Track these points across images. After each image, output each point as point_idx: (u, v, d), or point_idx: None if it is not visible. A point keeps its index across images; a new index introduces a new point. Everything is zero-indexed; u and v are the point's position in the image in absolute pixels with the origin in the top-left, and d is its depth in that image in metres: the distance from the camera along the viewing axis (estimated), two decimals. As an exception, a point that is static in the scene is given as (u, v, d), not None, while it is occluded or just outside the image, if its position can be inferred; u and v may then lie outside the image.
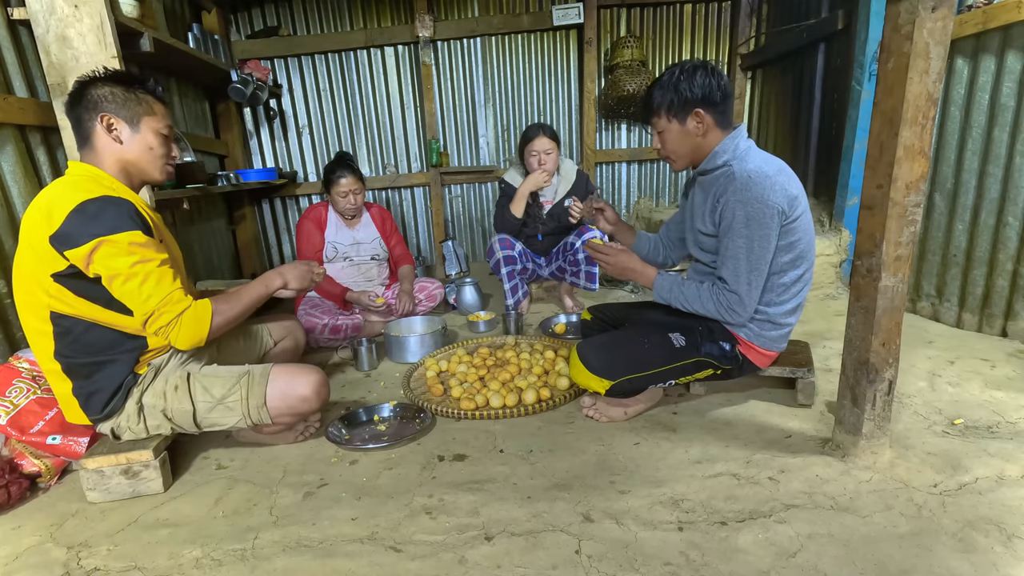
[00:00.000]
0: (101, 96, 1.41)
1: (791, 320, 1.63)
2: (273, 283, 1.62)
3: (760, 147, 1.59)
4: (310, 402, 1.56)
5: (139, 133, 1.45)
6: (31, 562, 1.28)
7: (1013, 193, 2.07)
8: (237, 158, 3.79)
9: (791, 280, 1.56)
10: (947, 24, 1.14)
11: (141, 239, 1.34)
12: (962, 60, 2.19)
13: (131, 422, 1.48)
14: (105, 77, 1.44)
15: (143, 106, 1.46)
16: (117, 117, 1.42)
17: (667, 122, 1.57)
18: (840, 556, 1.13)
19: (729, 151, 1.53)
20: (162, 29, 2.60)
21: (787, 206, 1.46)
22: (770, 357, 1.69)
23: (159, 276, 1.36)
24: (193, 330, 1.41)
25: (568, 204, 2.77)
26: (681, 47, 3.96)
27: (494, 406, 1.86)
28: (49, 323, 1.39)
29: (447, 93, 4.00)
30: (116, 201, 1.34)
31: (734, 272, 1.51)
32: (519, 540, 1.24)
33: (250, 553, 1.26)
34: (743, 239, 1.47)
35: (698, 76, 1.49)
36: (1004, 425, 1.57)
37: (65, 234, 1.29)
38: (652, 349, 1.63)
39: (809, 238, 1.55)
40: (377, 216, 2.90)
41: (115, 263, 1.31)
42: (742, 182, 1.45)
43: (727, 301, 1.54)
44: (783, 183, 1.46)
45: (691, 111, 1.52)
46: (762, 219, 1.44)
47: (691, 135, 1.55)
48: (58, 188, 1.36)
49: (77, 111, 1.42)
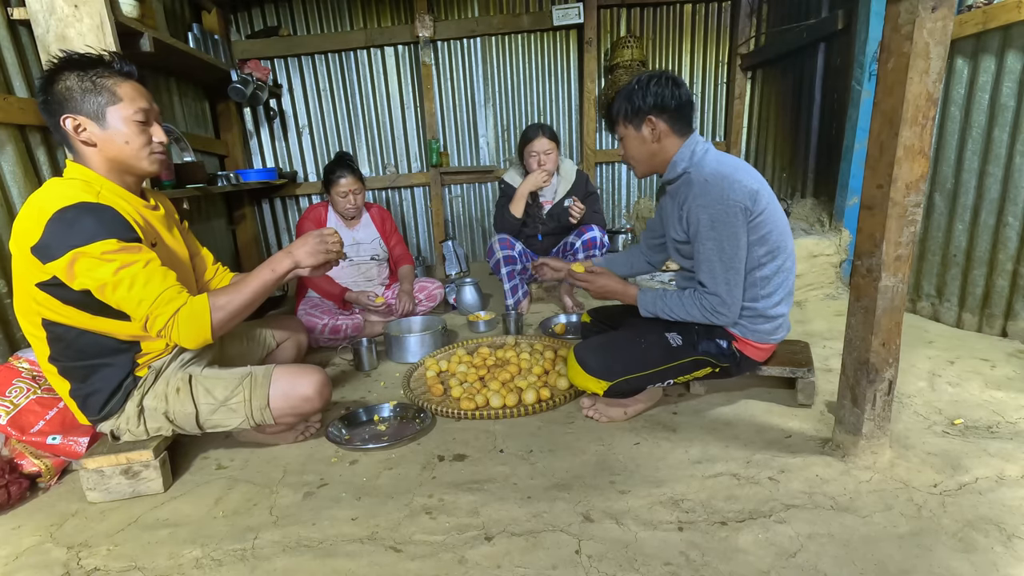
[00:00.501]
0: (60, 95, 1.30)
1: (781, 310, 1.63)
2: (282, 265, 1.46)
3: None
4: (313, 402, 1.56)
5: (108, 127, 1.33)
6: (31, 562, 1.28)
7: (1013, 193, 2.07)
8: (237, 158, 3.79)
9: (772, 272, 1.57)
10: (947, 24, 1.14)
11: (114, 246, 1.25)
12: (962, 60, 2.19)
13: (131, 424, 1.48)
14: (59, 67, 1.30)
15: (104, 95, 1.32)
16: (80, 115, 1.31)
17: (624, 128, 1.64)
18: (840, 556, 1.13)
19: (686, 159, 1.58)
20: (162, 29, 2.60)
21: (750, 202, 1.48)
22: (767, 350, 1.70)
23: (146, 277, 1.29)
24: (193, 328, 1.33)
25: (568, 204, 2.79)
26: (681, 47, 3.96)
27: (494, 406, 1.86)
28: (42, 329, 1.38)
29: (447, 93, 4.00)
30: (93, 208, 1.26)
31: (710, 275, 1.53)
32: (519, 540, 1.24)
33: (250, 553, 1.26)
34: (712, 241, 1.50)
35: (651, 85, 1.55)
36: (1004, 425, 1.57)
37: (45, 245, 1.24)
38: (649, 349, 1.63)
39: (781, 228, 1.56)
40: (377, 216, 2.90)
41: (98, 273, 1.26)
42: (700, 187, 1.50)
43: (709, 304, 1.55)
44: (741, 180, 1.49)
45: (644, 118, 1.57)
46: (726, 219, 1.47)
47: (646, 141, 1.60)
48: (43, 193, 1.30)
49: (44, 112, 1.33)
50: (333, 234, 1.52)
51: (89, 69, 1.31)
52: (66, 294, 1.31)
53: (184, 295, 1.34)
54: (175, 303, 1.31)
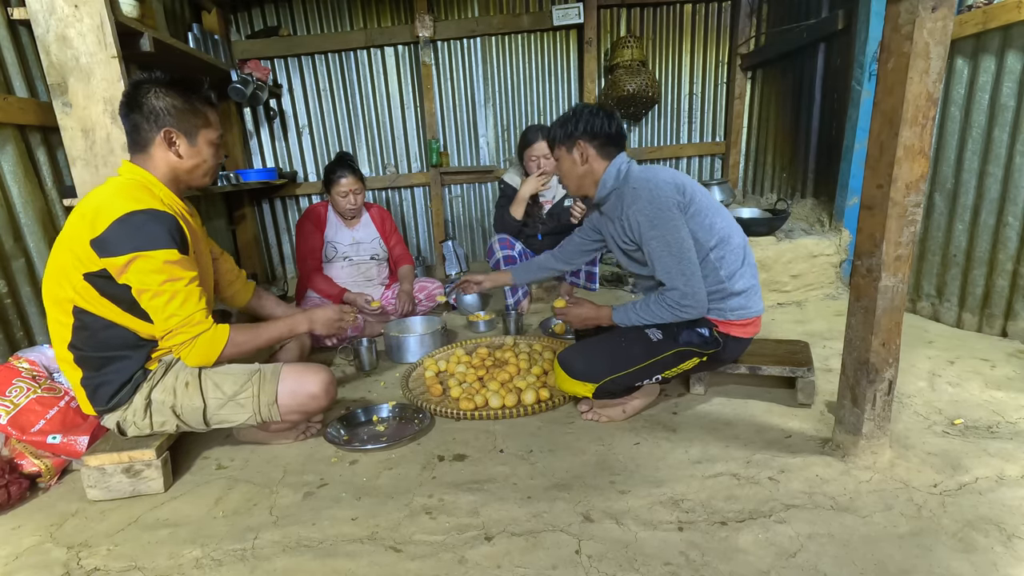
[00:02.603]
0: (163, 108, 1.44)
1: (746, 280, 1.66)
2: (299, 328, 1.69)
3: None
4: (319, 400, 1.58)
5: (196, 146, 1.50)
6: (31, 562, 1.28)
7: (1013, 193, 2.07)
8: (237, 158, 3.79)
9: (721, 249, 1.63)
10: (947, 24, 1.14)
11: (175, 257, 1.38)
12: (962, 60, 2.19)
13: (137, 417, 1.49)
14: (163, 84, 1.45)
15: (200, 118, 1.49)
16: (178, 131, 1.46)
17: (558, 151, 1.77)
18: (840, 556, 1.13)
19: (612, 177, 1.70)
20: (162, 29, 2.60)
21: (678, 195, 1.59)
22: (750, 325, 1.71)
23: (185, 296, 1.40)
24: (204, 353, 1.47)
25: (569, 204, 2.79)
26: (681, 47, 3.96)
27: (493, 406, 1.86)
28: (71, 316, 1.42)
29: (447, 93, 4.00)
30: (160, 216, 1.38)
31: (666, 271, 1.59)
32: (519, 540, 1.24)
33: (250, 553, 1.26)
34: (656, 240, 1.58)
35: (584, 114, 1.69)
36: (1004, 425, 1.57)
37: (106, 240, 1.33)
38: (630, 346, 1.66)
39: (714, 208, 1.65)
40: (376, 216, 2.90)
41: (147, 279, 1.36)
42: (631, 196, 1.63)
43: (673, 300, 1.59)
44: (664, 177, 1.62)
45: (575, 142, 1.70)
46: (662, 214, 1.57)
47: (576, 163, 1.72)
48: (109, 192, 1.39)
49: (134, 118, 1.44)
50: (350, 311, 1.81)
51: (191, 93, 1.49)
52: (107, 287, 1.39)
53: (208, 321, 1.47)
54: (199, 327, 1.44)
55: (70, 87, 1.84)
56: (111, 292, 1.39)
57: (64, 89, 1.84)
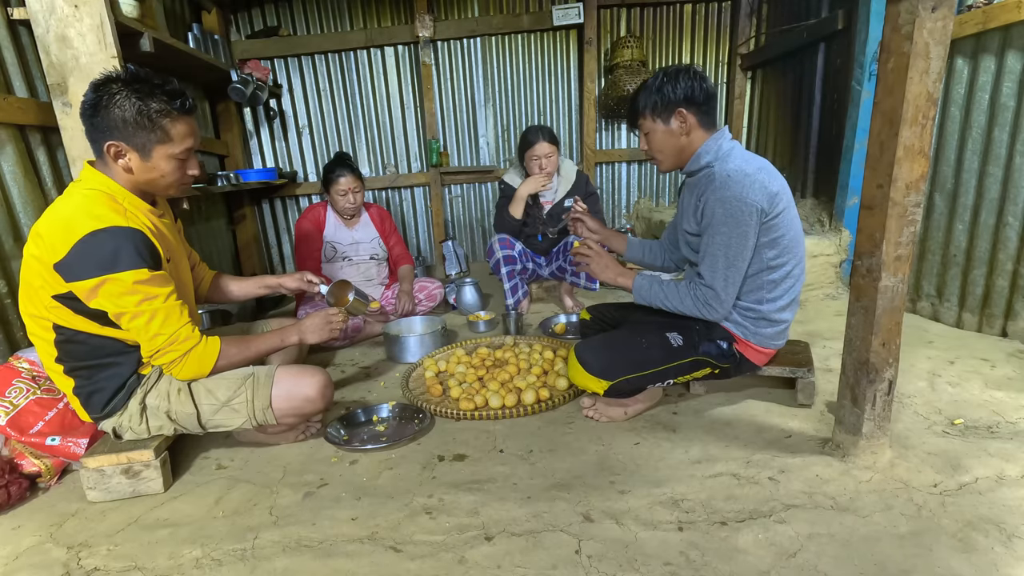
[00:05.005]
0: (113, 121, 1.30)
1: (786, 316, 1.63)
2: (290, 339, 1.63)
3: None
4: (315, 403, 1.57)
5: (151, 161, 1.37)
6: (31, 562, 1.28)
7: (1013, 193, 2.07)
8: (237, 158, 3.79)
9: (780, 276, 1.58)
10: (947, 24, 1.14)
11: (146, 276, 1.30)
12: (962, 60, 2.19)
13: (133, 422, 1.48)
14: (124, 91, 1.30)
15: (157, 133, 1.34)
16: (127, 146, 1.33)
17: (652, 123, 1.61)
18: (840, 556, 1.13)
19: (712, 152, 1.56)
20: (162, 29, 2.60)
21: (767, 203, 1.48)
22: (767, 355, 1.70)
23: (166, 313, 1.35)
24: (196, 368, 1.45)
25: (569, 205, 2.79)
26: (681, 47, 3.96)
27: (493, 406, 1.86)
28: (52, 332, 1.39)
29: (447, 93, 4.00)
30: (124, 233, 1.28)
31: (711, 267, 1.54)
32: (519, 540, 1.23)
33: (250, 553, 1.26)
34: (721, 236, 1.50)
35: (681, 78, 1.54)
36: (1004, 425, 1.57)
37: (70, 265, 1.26)
38: (650, 349, 1.63)
39: (794, 233, 1.57)
40: (376, 216, 2.90)
41: (121, 301, 1.30)
42: (721, 181, 1.49)
43: (703, 296, 1.56)
44: (762, 180, 1.48)
45: (674, 111, 1.56)
46: (740, 216, 1.47)
47: (675, 135, 1.59)
48: (68, 209, 1.30)
49: (87, 123, 1.34)
50: (337, 314, 1.72)
51: (151, 101, 1.30)
52: (79, 307, 1.33)
53: (196, 334, 1.43)
54: (188, 343, 1.41)
55: (70, 87, 1.84)
56: (84, 311, 1.34)
57: (64, 89, 1.84)
